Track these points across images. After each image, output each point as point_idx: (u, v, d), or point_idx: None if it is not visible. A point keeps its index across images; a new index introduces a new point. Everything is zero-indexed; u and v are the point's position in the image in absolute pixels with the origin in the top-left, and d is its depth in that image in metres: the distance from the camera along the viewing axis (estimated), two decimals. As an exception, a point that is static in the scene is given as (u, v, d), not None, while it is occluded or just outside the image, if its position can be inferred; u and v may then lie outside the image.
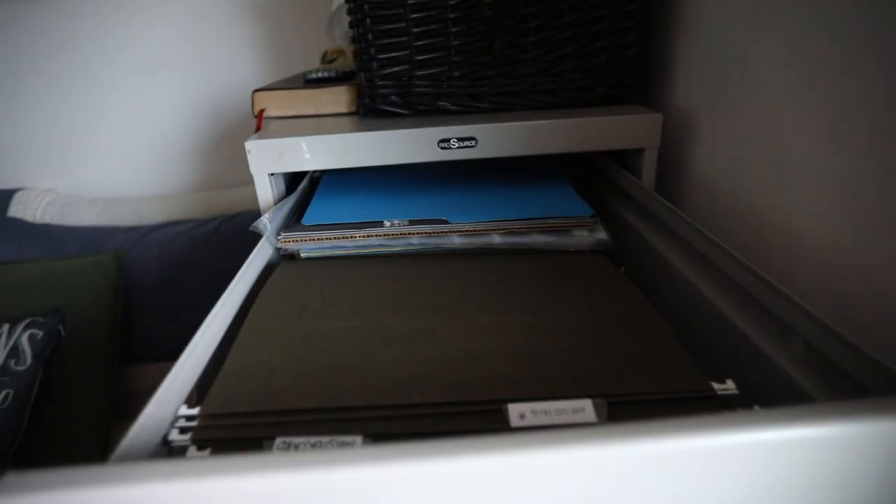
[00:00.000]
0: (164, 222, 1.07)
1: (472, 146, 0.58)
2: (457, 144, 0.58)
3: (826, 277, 0.44)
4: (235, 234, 1.03)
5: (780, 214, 0.48)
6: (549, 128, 0.58)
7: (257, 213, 1.08)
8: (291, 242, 0.50)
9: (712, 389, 0.31)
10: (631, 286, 0.43)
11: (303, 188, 0.64)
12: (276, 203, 0.60)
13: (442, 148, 0.58)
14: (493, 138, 0.58)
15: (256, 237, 0.52)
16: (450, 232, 0.51)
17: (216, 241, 1.03)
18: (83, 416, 0.82)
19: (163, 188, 1.18)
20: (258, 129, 0.67)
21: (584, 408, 0.30)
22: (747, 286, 0.40)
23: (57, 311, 0.84)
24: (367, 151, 0.58)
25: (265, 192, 0.59)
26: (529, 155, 0.59)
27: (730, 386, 0.32)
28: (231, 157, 1.18)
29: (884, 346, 0.39)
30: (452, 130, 0.58)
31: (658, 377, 0.32)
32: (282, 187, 0.63)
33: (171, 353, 1.04)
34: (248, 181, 1.14)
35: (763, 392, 0.36)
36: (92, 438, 0.82)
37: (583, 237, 0.51)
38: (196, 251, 1.03)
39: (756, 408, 0.31)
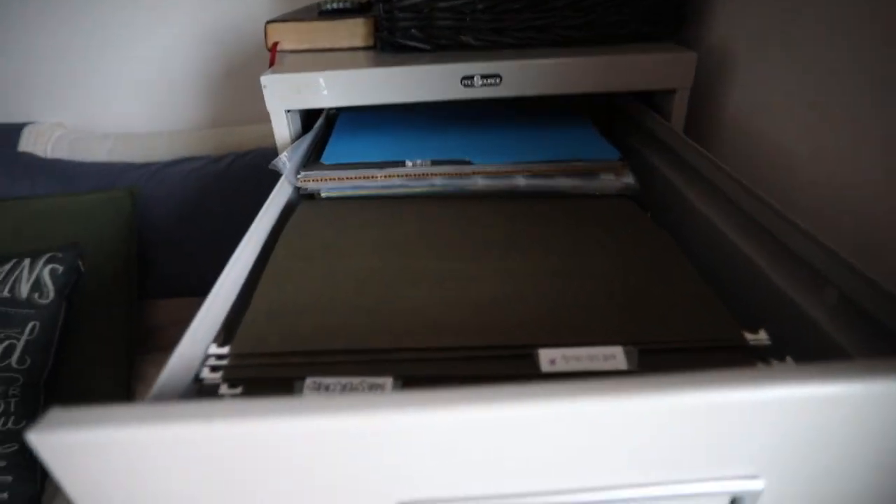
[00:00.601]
0: (176, 159, 1.06)
1: (497, 84, 0.56)
2: (480, 82, 0.56)
3: (861, 228, 0.43)
4: (248, 171, 1.02)
5: (817, 163, 0.46)
6: (577, 65, 0.56)
7: (269, 151, 1.06)
8: (311, 182, 0.49)
9: (744, 339, 0.31)
10: (659, 231, 0.42)
11: (320, 126, 0.62)
12: (293, 141, 0.59)
13: (465, 86, 0.56)
14: (518, 76, 0.56)
15: (270, 174, 0.51)
16: (473, 173, 0.50)
17: (229, 177, 1.02)
18: (107, 351, 0.84)
19: (173, 124, 1.16)
20: (272, 63, 0.65)
21: (616, 354, 0.30)
22: (779, 233, 0.39)
23: (76, 247, 0.84)
24: (387, 88, 0.56)
25: (282, 129, 0.58)
26: (555, 95, 0.57)
27: (762, 336, 0.32)
28: (242, 92, 1.15)
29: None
30: (476, 67, 0.55)
31: (689, 325, 0.32)
32: (298, 125, 0.61)
33: (188, 288, 1.05)
34: (259, 118, 1.11)
35: (795, 343, 0.35)
36: (117, 372, 0.85)
37: (609, 181, 0.50)
38: (209, 188, 1.02)
39: (788, 359, 0.31)
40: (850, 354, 0.32)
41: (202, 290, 0.37)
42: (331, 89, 0.56)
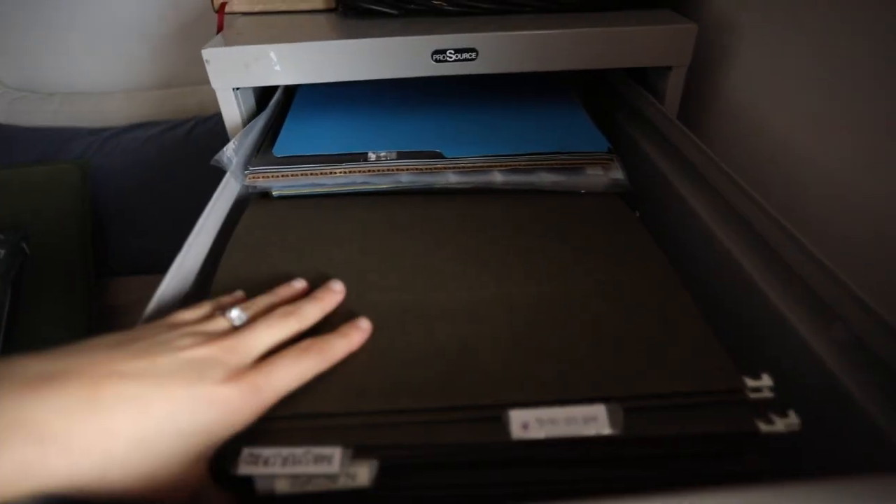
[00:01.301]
0: (130, 124, 0.97)
1: (472, 59, 0.50)
2: (454, 57, 0.49)
3: (874, 234, 0.39)
4: (211, 138, 0.94)
5: (826, 159, 0.42)
6: (562, 38, 0.49)
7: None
8: (261, 179, 0.44)
9: (744, 391, 0.27)
10: (651, 245, 0.38)
11: (275, 103, 0.55)
12: (244, 122, 0.53)
13: (436, 61, 0.50)
14: (496, 49, 0.49)
15: None
16: (444, 168, 0.44)
17: (190, 146, 0.94)
18: (64, 336, 0.80)
19: (127, 83, 1.05)
20: (220, 28, 0.57)
21: (597, 416, 0.26)
22: (787, 255, 0.35)
23: (18, 228, 0.78)
24: (348, 63, 0.49)
25: (231, 109, 0.51)
26: (538, 72, 0.51)
27: (765, 383, 0.28)
28: (200, 45, 1.05)
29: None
30: (449, 40, 0.49)
31: (682, 373, 0.28)
32: (251, 101, 0.55)
33: (149, 265, 0.99)
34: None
35: (796, 381, 0.31)
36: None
37: (596, 177, 0.45)
38: (168, 156, 0.94)
39: (791, 414, 0.28)
40: (858, 401, 0.28)
41: (164, 266, 0.33)
42: (284, 64, 0.49)
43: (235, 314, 0.29)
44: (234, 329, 0.28)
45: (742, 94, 0.50)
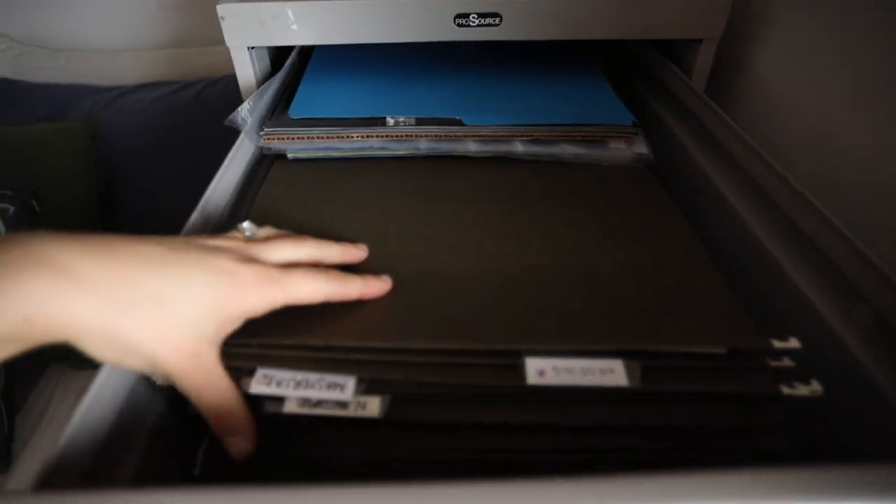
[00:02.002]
0: (138, 84, 0.96)
1: (496, 24, 0.48)
2: (477, 22, 0.48)
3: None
4: (220, 101, 0.93)
5: (863, 150, 0.40)
6: (590, 5, 0.47)
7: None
8: (276, 140, 0.42)
9: (767, 350, 0.27)
10: (680, 219, 0.37)
11: (291, 64, 0.54)
12: (258, 83, 0.51)
13: (459, 25, 0.48)
14: (521, 16, 0.48)
15: None
16: (465, 136, 0.43)
17: (198, 108, 0.93)
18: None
19: (137, 41, 1.03)
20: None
21: (615, 369, 0.26)
22: (813, 233, 0.34)
23: (26, 185, 0.77)
24: (367, 25, 0.48)
25: (245, 69, 0.50)
26: (562, 41, 0.49)
27: (793, 345, 0.27)
28: (212, 4, 1.02)
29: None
30: (473, 3, 0.47)
31: (703, 332, 0.27)
32: (266, 62, 0.53)
33: (157, 227, 0.98)
34: (232, 39, 1.00)
35: (818, 362, 0.31)
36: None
37: (619, 150, 0.44)
38: (176, 118, 0.93)
39: (813, 382, 0.27)
40: (882, 390, 0.28)
41: (172, 228, 0.33)
42: (301, 24, 0.47)
43: (247, 224, 0.30)
44: (249, 238, 0.29)
45: (774, 71, 0.49)
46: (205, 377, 0.25)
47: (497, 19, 0.48)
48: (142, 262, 0.23)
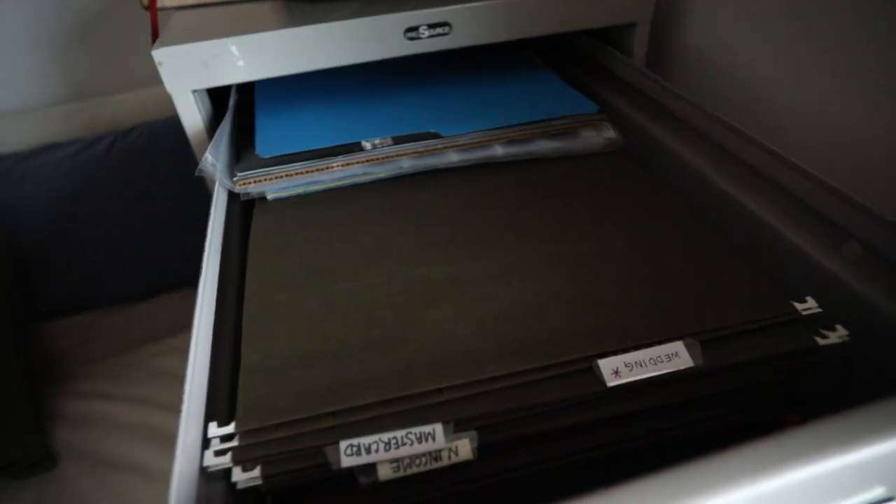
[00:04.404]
0: (36, 147, 0.87)
1: (446, 34, 0.48)
2: (427, 33, 0.48)
3: (852, 172, 0.42)
4: (135, 156, 0.86)
5: (796, 101, 0.44)
6: (535, 3, 0.49)
7: (158, 126, 0.89)
8: (253, 184, 0.40)
9: (797, 311, 0.29)
10: (666, 195, 0.39)
11: (234, 105, 0.51)
12: (207, 126, 0.48)
13: (410, 39, 0.47)
14: (470, 22, 0.48)
15: (164, 156, 0.41)
16: (444, 148, 0.43)
17: (112, 165, 0.85)
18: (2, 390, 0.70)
19: (24, 100, 0.92)
20: (154, 26, 0.52)
21: (678, 351, 0.27)
22: (786, 184, 0.36)
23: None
24: (319, 50, 0.46)
25: (191, 114, 0.46)
26: (506, 42, 0.50)
27: (811, 305, 0.30)
28: (108, 49, 0.93)
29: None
30: (421, 16, 0.47)
31: (737, 304, 0.29)
32: (208, 105, 0.50)
33: (84, 302, 0.89)
34: (136, 84, 0.92)
35: (824, 304, 0.34)
36: (18, 415, 0.71)
37: (591, 138, 0.45)
38: (89, 179, 0.85)
39: (838, 328, 0.29)
40: (887, 313, 0.30)
41: (101, 301, 0.29)
42: (248, 58, 0.45)
43: None
44: None
45: (705, 41, 0.52)
46: None
47: (447, 28, 0.48)
48: None
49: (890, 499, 0.22)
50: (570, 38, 0.61)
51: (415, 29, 0.47)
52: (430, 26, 0.47)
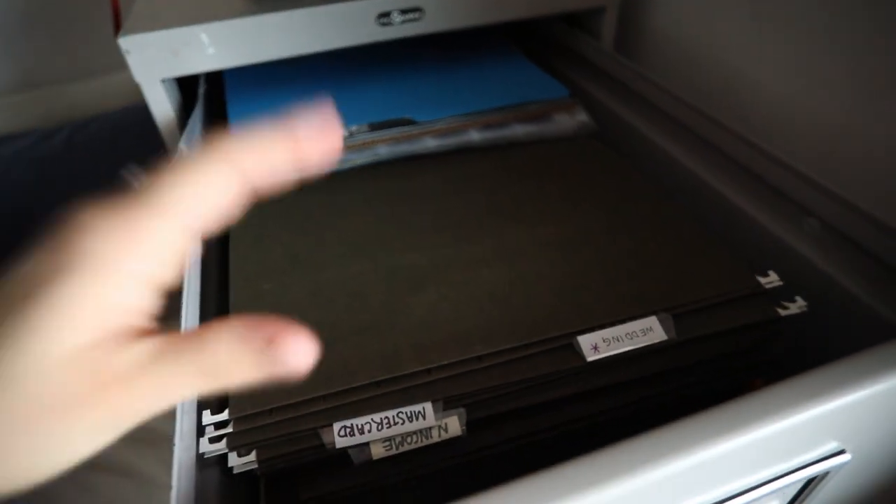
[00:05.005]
0: (-12, 140, 0.83)
1: (418, 19, 0.48)
2: (400, 19, 0.48)
3: (816, 150, 0.44)
4: (96, 146, 0.83)
5: (765, 81, 0.46)
6: (505, -11, 0.49)
7: (118, 117, 0.86)
8: (229, 174, 0.39)
9: (761, 286, 0.31)
10: (638, 177, 0.40)
11: (203, 94, 0.50)
12: (178, 116, 0.47)
13: (382, 24, 0.47)
14: (442, 7, 0.48)
15: (126, 148, 0.41)
16: (421, 134, 0.43)
17: (71, 157, 0.83)
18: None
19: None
20: (116, 13, 0.50)
21: (652, 326, 0.29)
22: (747, 163, 0.38)
23: None
24: (290, 37, 0.46)
25: (161, 104, 0.45)
26: (478, 28, 0.50)
27: (774, 279, 0.32)
28: (61, 34, 0.89)
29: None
30: (392, 1, 0.47)
31: (706, 279, 0.31)
32: (177, 94, 0.49)
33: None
34: (94, 70, 0.89)
35: (787, 277, 0.36)
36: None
37: (564, 122, 0.46)
38: (47, 174, 0.82)
39: (798, 299, 0.32)
40: (844, 285, 0.33)
41: None
42: (218, 46, 0.44)
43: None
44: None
45: (671, 25, 0.54)
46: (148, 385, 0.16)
47: (419, 14, 0.48)
48: None
49: (842, 451, 0.24)
50: (540, 24, 0.62)
51: (387, 14, 0.47)
52: (403, 11, 0.47)
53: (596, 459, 0.20)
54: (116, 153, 0.82)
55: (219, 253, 0.36)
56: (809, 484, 0.25)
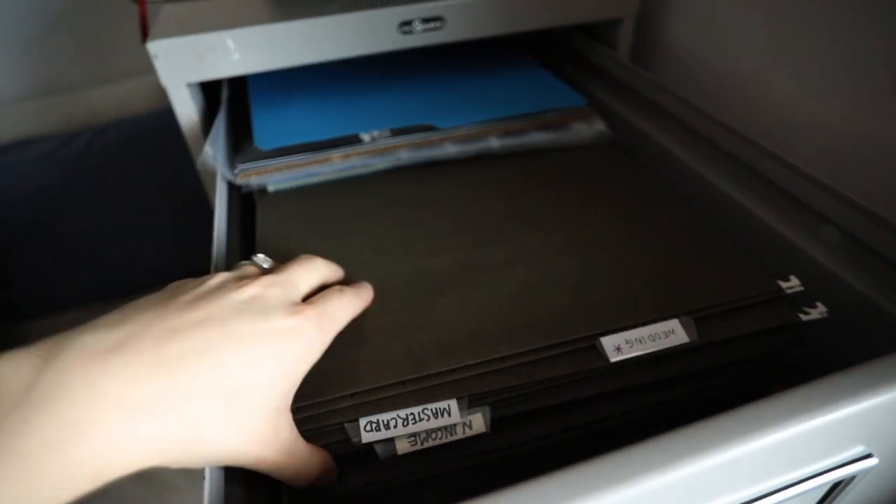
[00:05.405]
0: (10, 143, 0.85)
1: (439, 28, 0.49)
2: (421, 27, 0.48)
3: (836, 156, 0.44)
4: (114, 151, 0.84)
5: (780, 91, 0.47)
6: (524, 0, 0.50)
7: (136, 122, 0.88)
8: (254, 175, 0.40)
9: (782, 290, 0.31)
10: (656, 185, 0.40)
11: (227, 98, 0.51)
12: (202, 120, 0.48)
13: (404, 33, 0.48)
14: (463, 17, 0.49)
15: (144, 153, 0.42)
16: (442, 140, 0.44)
17: (91, 162, 0.84)
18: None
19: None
20: (143, 20, 0.51)
21: (674, 329, 0.29)
22: (768, 174, 0.39)
23: None
24: (314, 44, 0.46)
25: (186, 107, 0.46)
26: (497, 38, 0.51)
27: (795, 283, 0.32)
28: (83, 40, 0.91)
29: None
30: (414, 10, 0.48)
31: (727, 283, 0.31)
32: (201, 99, 0.50)
33: (65, 301, 0.88)
34: (112, 76, 0.91)
35: (807, 286, 0.36)
36: None
37: (581, 131, 0.47)
38: (67, 178, 0.84)
39: (818, 304, 0.32)
40: (864, 293, 0.33)
41: (82, 299, 0.29)
42: (244, 52, 0.45)
43: (261, 257, 0.28)
44: (266, 271, 0.27)
45: (688, 36, 0.55)
46: (285, 451, 0.23)
47: (439, 23, 0.49)
48: (197, 359, 0.21)
49: (869, 455, 0.24)
50: (557, 34, 0.63)
51: (409, 23, 0.48)
52: (424, 20, 0.48)
53: (620, 457, 0.20)
54: (134, 157, 0.84)
55: (245, 257, 0.37)
56: (835, 488, 0.25)
